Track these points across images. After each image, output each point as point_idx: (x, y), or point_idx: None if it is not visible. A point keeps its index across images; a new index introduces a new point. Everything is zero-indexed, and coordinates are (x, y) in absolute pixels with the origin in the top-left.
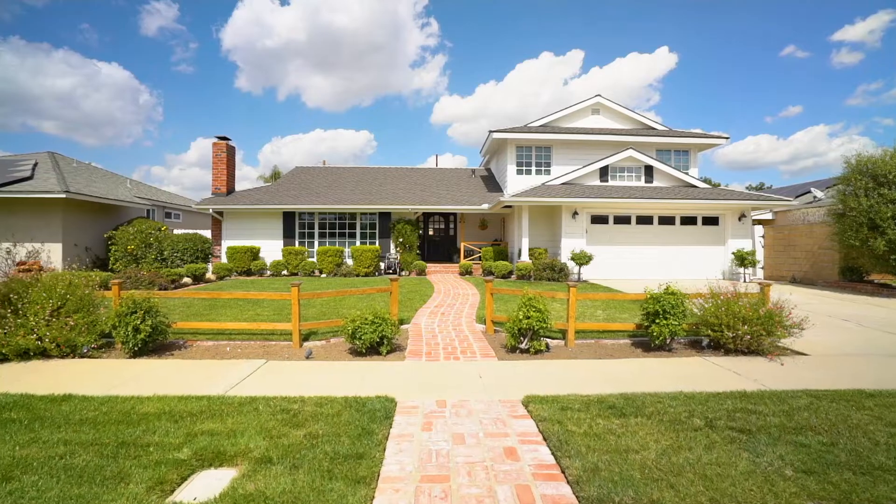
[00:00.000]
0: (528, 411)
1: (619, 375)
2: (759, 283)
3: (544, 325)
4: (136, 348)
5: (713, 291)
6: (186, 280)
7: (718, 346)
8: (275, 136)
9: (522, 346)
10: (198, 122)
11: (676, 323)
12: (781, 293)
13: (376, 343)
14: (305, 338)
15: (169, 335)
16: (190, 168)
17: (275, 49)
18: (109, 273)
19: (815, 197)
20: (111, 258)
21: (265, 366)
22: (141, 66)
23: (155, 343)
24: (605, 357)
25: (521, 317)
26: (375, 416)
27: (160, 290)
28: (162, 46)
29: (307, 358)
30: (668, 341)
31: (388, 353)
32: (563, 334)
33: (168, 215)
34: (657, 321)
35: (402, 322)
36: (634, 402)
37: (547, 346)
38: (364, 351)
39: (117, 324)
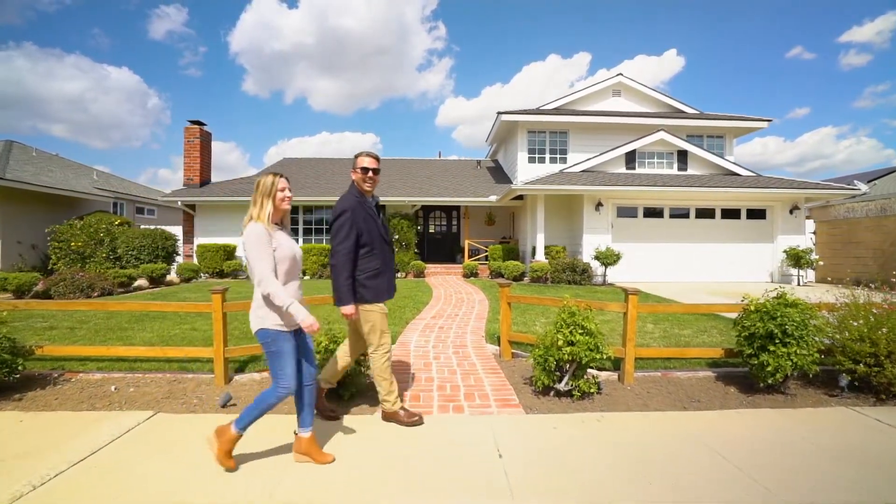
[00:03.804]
0: None
1: (746, 453)
2: None
3: (597, 356)
4: None
5: (856, 302)
6: (141, 283)
7: (863, 387)
8: (281, 138)
9: (561, 386)
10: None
11: (805, 352)
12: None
13: (332, 386)
14: (241, 367)
15: (19, 366)
16: None
17: (282, 52)
18: (38, 275)
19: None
20: (53, 257)
21: (142, 426)
22: (150, 70)
23: None
24: (690, 405)
25: (560, 342)
26: None
27: (103, 294)
28: (170, 50)
29: (223, 407)
30: (782, 380)
31: (351, 398)
32: (612, 363)
33: (140, 211)
34: (771, 348)
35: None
36: None
37: (598, 386)
38: None
39: None
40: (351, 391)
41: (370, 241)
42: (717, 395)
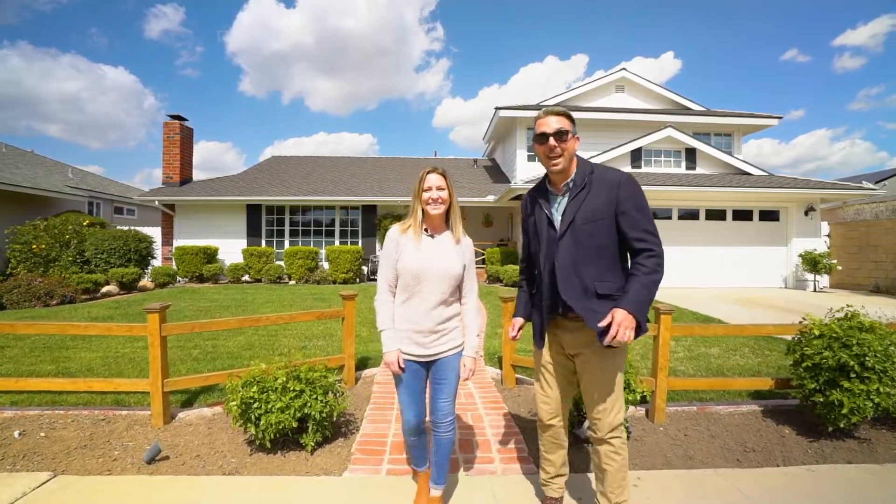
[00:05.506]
0: None
1: None
2: None
3: (628, 396)
4: None
5: None
6: (110, 289)
7: None
8: (278, 139)
9: (580, 431)
10: (202, 125)
11: (891, 391)
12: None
13: (294, 429)
14: (190, 400)
15: None
16: (194, 171)
17: (280, 52)
18: None
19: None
20: (12, 260)
21: (26, 499)
22: (146, 70)
23: None
24: (744, 456)
25: None
26: None
27: (63, 303)
28: (167, 50)
29: (149, 463)
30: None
31: (318, 445)
32: (640, 396)
33: (119, 211)
34: (845, 384)
35: (365, 365)
36: None
37: (628, 432)
38: (268, 445)
39: None
40: (317, 438)
41: (533, 251)
42: (773, 440)
